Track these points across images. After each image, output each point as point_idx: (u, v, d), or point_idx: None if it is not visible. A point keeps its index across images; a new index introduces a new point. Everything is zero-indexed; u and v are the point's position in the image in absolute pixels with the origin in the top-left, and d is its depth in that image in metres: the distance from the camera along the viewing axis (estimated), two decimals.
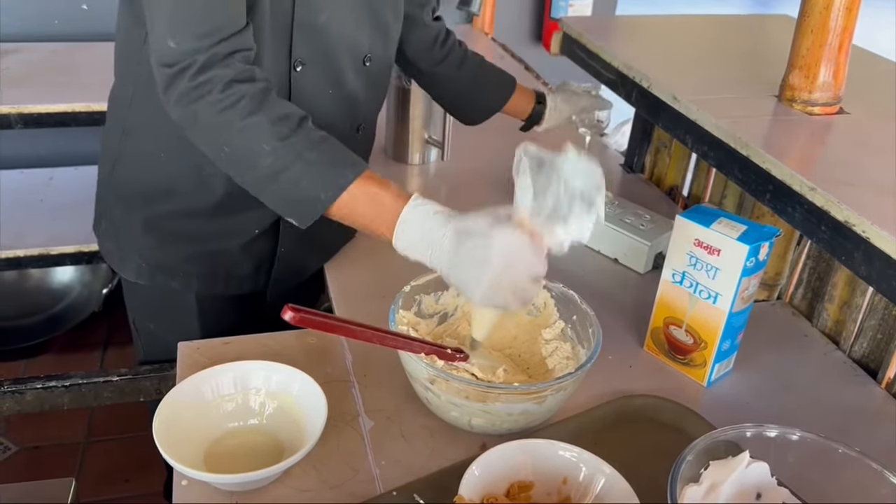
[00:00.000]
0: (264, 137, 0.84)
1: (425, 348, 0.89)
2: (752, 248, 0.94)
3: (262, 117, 0.84)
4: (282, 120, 0.86)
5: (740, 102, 1.14)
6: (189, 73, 0.83)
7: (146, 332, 1.21)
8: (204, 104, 0.84)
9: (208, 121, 0.85)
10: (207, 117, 0.84)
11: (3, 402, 1.02)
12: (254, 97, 0.84)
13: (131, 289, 1.19)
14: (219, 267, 1.14)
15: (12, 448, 2.06)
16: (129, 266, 1.14)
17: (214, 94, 0.83)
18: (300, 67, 1.00)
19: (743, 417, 0.85)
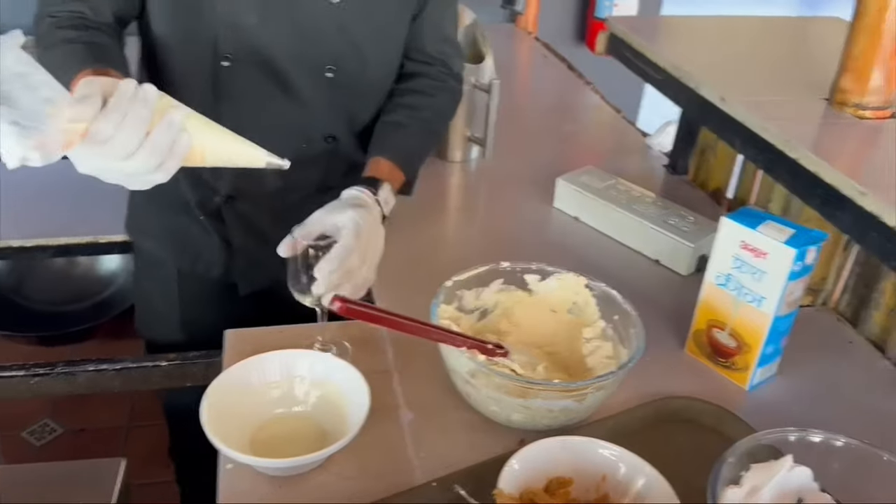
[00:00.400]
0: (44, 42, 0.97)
1: (467, 342, 0.90)
2: (800, 251, 0.93)
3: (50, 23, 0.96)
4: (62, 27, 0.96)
5: (790, 105, 1.13)
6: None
7: (139, 288, 1.32)
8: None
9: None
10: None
11: (55, 384, 1.05)
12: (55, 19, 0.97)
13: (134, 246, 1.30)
14: (187, 243, 1.20)
15: (58, 430, 2.12)
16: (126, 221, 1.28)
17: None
18: (227, 63, 1.04)
19: (784, 422, 0.84)
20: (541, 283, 1.05)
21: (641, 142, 1.75)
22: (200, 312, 1.23)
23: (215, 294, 1.24)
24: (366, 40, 1.09)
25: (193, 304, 1.24)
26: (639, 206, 1.34)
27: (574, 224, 1.41)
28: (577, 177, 1.43)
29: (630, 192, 1.38)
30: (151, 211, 1.19)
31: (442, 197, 1.51)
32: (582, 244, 1.35)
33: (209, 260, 1.20)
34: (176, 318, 1.24)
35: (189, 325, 1.24)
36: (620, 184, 1.41)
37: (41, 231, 1.96)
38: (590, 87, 2.06)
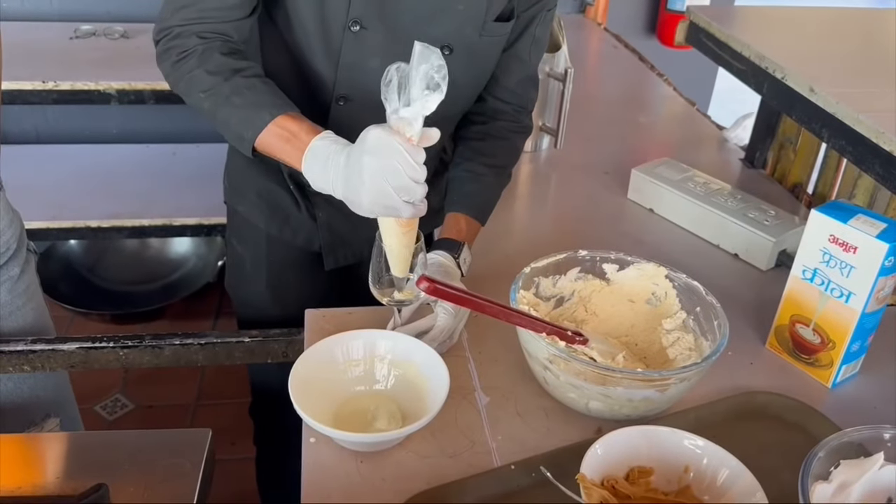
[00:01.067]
0: (200, 86, 0.97)
1: (547, 328, 0.90)
2: (892, 246, 0.90)
3: (201, 71, 0.97)
4: (215, 73, 0.97)
5: (881, 96, 1.09)
6: (168, 36, 1.00)
7: (230, 247, 1.34)
8: (169, 63, 1.00)
9: (171, 76, 1.01)
10: (170, 74, 1.00)
11: (143, 356, 1.09)
12: (199, 55, 0.97)
13: (228, 208, 1.32)
14: (278, 208, 1.22)
15: (129, 405, 2.19)
16: (226, 185, 1.29)
17: (176, 55, 0.98)
18: (342, 102, 1.08)
19: (868, 421, 0.82)
20: (619, 273, 1.04)
21: (717, 134, 1.72)
22: (286, 277, 1.27)
23: (301, 261, 1.27)
24: (466, 84, 1.11)
25: (280, 268, 1.27)
26: (717, 198, 1.31)
27: (649, 216, 1.39)
28: (652, 168, 1.41)
29: (708, 184, 1.36)
30: (249, 175, 1.23)
31: (513, 186, 1.50)
32: (657, 236, 1.33)
33: (296, 227, 1.24)
34: (262, 279, 1.28)
35: (275, 288, 1.27)
36: (697, 176, 1.39)
37: (117, 212, 2.04)
38: (662, 79, 2.03)
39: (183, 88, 1.00)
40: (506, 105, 1.19)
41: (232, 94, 0.96)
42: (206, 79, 0.96)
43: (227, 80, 0.96)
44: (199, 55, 0.97)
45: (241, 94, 0.97)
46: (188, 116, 2.38)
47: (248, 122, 0.96)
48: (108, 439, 0.92)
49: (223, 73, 0.97)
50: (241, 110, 0.96)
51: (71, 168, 2.24)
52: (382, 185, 0.84)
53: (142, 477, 0.83)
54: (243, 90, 0.97)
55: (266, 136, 0.95)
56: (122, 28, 2.18)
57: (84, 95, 1.92)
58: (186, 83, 0.98)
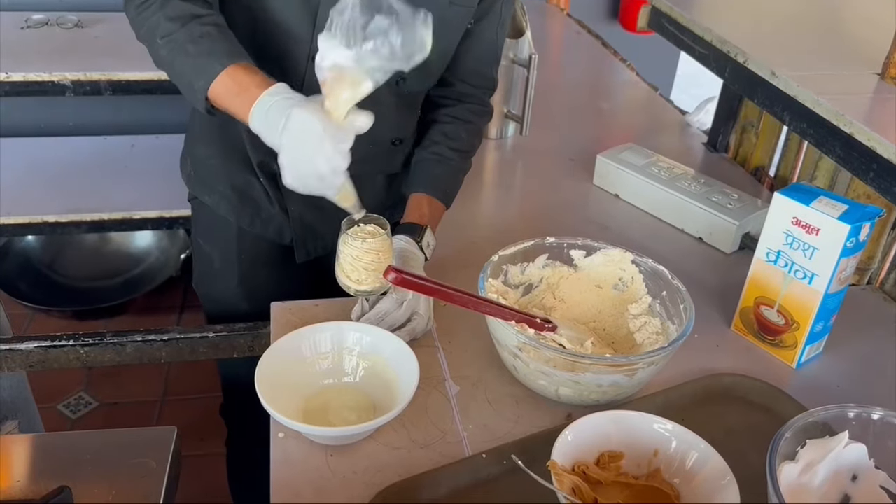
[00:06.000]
0: (158, 33, 0.94)
1: (516, 316, 0.90)
2: (854, 227, 0.92)
3: (161, 16, 0.94)
4: (174, 19, 0.93)
5: (841, 79, 1.10)
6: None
7: (197, 245, 1.30)
8: (131, 8, 0.97)
9: (134, 22, 0.97)
10: (133, 19, 0.97)
11: (104, 354, 1.06)
12: (158, 4, 0.94)
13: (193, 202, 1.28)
14: (245, 200, 1.19)
15: (93, 403, 2.15)
16: (185, 169, 1.24)
17: (140, 5, 0.96)
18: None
19: (832, 400, 0.83)
20: (586, 259, 1.05)
21: (679, 119, 1.73)
22: (258, 272, 1.24)
23: (272, 255, 1.24)
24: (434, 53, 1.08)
25: (251, 262, 1.24)
26: (681, 183, 1.32)
27: (614, 201, 1.40)
28: (617, 154, 1.41)
29: (671, 169, 1.37)
30: (216, 165, 1.19)
31: (479, 173, 1.50)
32: (622, 221, 1.34)
33: (267, 219, 1.20)
34: (234, 276, 1.24)
35: (246, 283, 1.24)
36: (661, 161, 1.39)
37: (75, 206, 1.99)
38: (625, 65, 2.03)
39: (144, 35, 0.96)
40: (473, 88, 1.18)
41: (187, 41, 0.93)
42: (165, 25, 0.93)
43: (184, 27, 0.93)
44: (160, 4, 0.94)
45: (195, 42, 0.93)
46: (146, 107, 2.33)
47: (200, 71, 0.93)
48: (70, 440, 0.90)
49: (182, 19, 0.93)
50: (195, 59, 0.93)
51: (26, 162, 2.18)
52: (299, 169, 0.85)
53: (106, 478, 0.82)
54: (198, 38, 0.93)
55: (217, 87, 0.92)
56: (75, 17, 2.12)
57: (37, 87, 1.86)
58: (147, 30, 0.95)
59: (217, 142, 1.17)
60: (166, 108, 2.28)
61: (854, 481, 0.79)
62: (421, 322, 0.98)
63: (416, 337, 0.98)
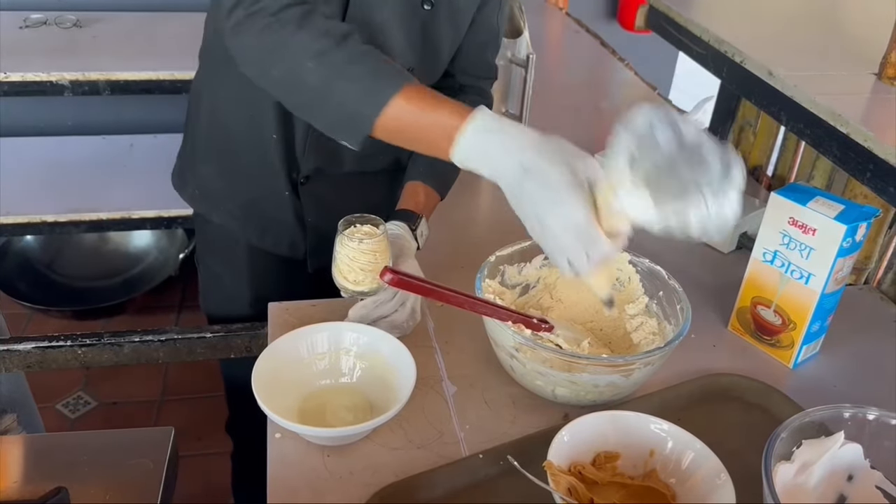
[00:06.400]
0: (307, 55, 0.83)
1: (512, 316, 0.90)
2: (850, 227, 0.92)
3: (305, 35, 0.84)
4: (323, 36, 0.84)
5: (838, 79, 1.11)
6: (244, 3, 0.85)
7: (204, 266, 1.26)
8: (252, 28, 0.85)
9: (257, 45, 0.86)
10: (255, 39, 0.85)
11: (102, 355, 1.07)
12: (299, 17, 0.84)
13: (196, 221, 1.25)
14: (255, 217, 1.17)
15: (92, 403, 2.15)
16: (187, 189, 1.21)
17: (265, 18, 0.84)
18: None
19: (829, 400, 0.83)
20: None
21: None
22: (269, 289, 1.19)
23: (283, 268, 1.22)
24: (447, 44, 1.08)
25: (263, 279, 1.21)
26: None
27: None
28: None
29: None
30: (220, 184, 1.16)
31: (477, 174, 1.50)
32: None
33: (278, 233, 1.18)
34: (245, 294, 1.21)
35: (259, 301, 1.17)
36: None
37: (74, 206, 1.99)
38: (623, 64, 2.03)
39: (275, 60, 0.85)
40: (475, 79, 1.18)
41: (346, 62, 0.83)
42: (315, 44, 0.83)
43: (340, 46, 0.83)
44: (299, 19, 0.84)
45: (356, 62, 0.84)
46: (145, 107, 2.33)
47: (368, 96, 0.83)
48: (67, 441, 0.91)
49: (334, 37, 0.84)
50: (360, 82, 0.83)
51: (25, 162, 2.18)
52: (557, 252, 0.77)
53: (103, 479, 0.82)
54: (359, 58, 0.84)
55: (394, 112, 0.82)
56: (74, 17, 2.12)
57: (36, 87, 1.86)
58: (283, 53, 0.84)
59: (223, 160, 1.15)
60: (165, 108, 2.28)
61: (850, 481, 0.80)
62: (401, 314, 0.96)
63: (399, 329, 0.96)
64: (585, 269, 0.76)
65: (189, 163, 1.21)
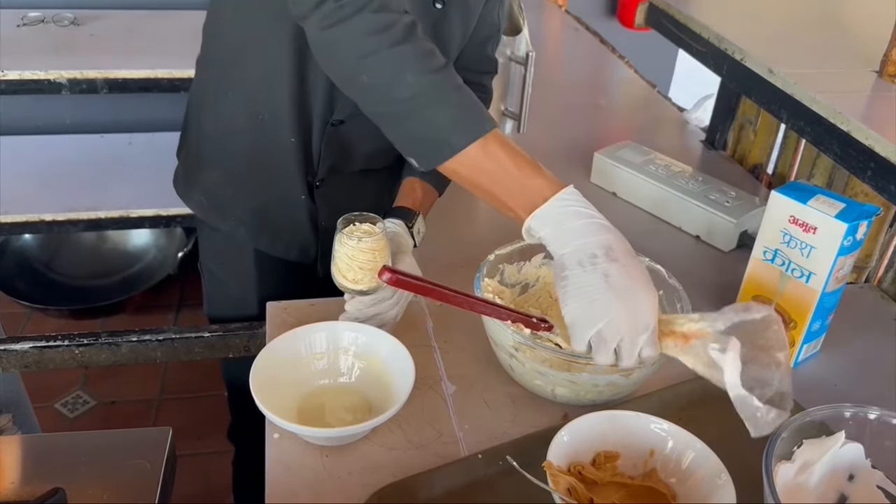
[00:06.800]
0: (409, 68, 0.81)
1: (512, 316, 0.89)
2: (851, 226, 0.91)
3: (409, 48, 0.81)
4: (428, 55, 0.82)
5: (839, 77, 1.10)
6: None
7: (209, 273, 1.25)
8: (349, 26, 0.80)
9: (351, 44, 0.82)
10: (351, 39, 0.81)
11: (99, 354, 1.06)
12: (404, 27, 0.81)
13: (200, 228, 1.23)
14: (266, 223, 1.15)
15: (91, 402, 2.15)
16: (193, 197, 1.18)
17: (365, 14, 0.80)
18: None
19: (830, 399, 0.83)
20: None
21: (678, 116, 1.73)
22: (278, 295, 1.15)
23: (292, 275, 1.20)
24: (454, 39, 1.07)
25: (271, 285, 1.19)
26: (678, 181, 1.32)
27: (611, 199, 1.39)
28: (614, 151, 1.41)
29: (669, 167, 1.36)
30: (231, 191, 1.14)
31: None
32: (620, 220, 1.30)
33: (290, 238, 1.16)
34: (253, 300, 1.19)
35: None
36: (659, 158, 1.39)
37: (72, 205, 1.99)
38: (623, 62, 2.03)
39: (370, 67, 0.81)
40: (477, 75, 1.18)
41: (450, 88, 0.82)
42: (418, 62, 0.81)
43: (442, 71, 0.82)
44: (403, 27, 0.81)
45: (458, 90, 0.82)
46: (143, 105, 2.32)
47: (461, 126, 0.81)
48: (64, 441, 0.90)
49: (435, 60, 0.82)
50: (458, 110, 0.82)
51: (23, 160, 2.17)
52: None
53: (100, 479, 0.81)
54: (459, 87, 0.82)
55: (478, 152, 0.81)
56: (71, 14, 2.12)
57: (34, 85, 1.86)
58: (382, 63, 0.81)
59: (232, 166, 1.13)
60: (163, 106, 2.28)
61: (851, 481, 0.79)
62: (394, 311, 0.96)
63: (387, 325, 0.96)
64: (632, 362, 0.80)
65: (193, 170, 1.19)
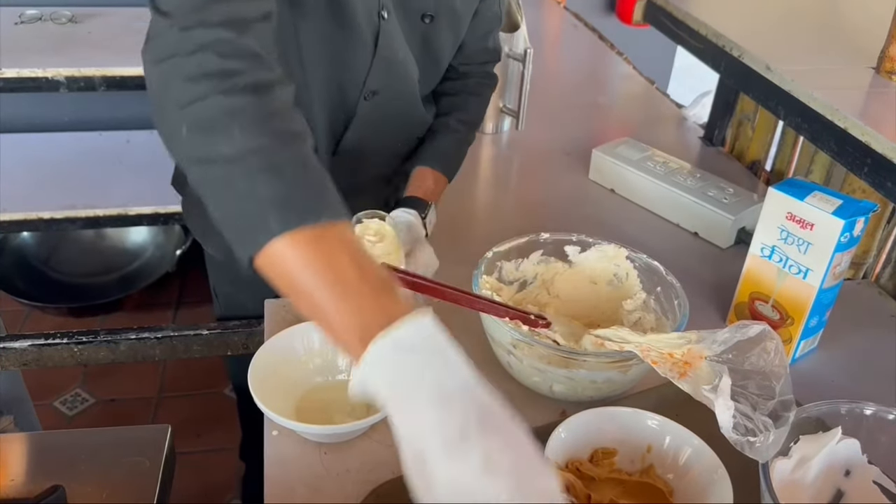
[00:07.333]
0: (241, 122, 0.63)
1: (510, 313, 0.90)
2: (848, 222, 0.92)
3: (250, 101, 0.64)
4: (277, 117, 0.65)
5: (836, 74, 1.10)
6: (183, 22, 0.67)
7: (224, 295, 1.23)
8: (184, 63, 0.65)
9: (180, 85, 0.65)
10: (182, 78, 0.65)
11: (98, 352, 1.06)
12: (258, 81, 0.66)
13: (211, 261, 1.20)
14: None
15: (90, 400, 2.15)
16: (212, 241, 1.16)
17: (207, 54, 0.65)
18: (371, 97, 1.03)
19: (827, 395, 0.83)
20: (581, 255, 1.04)
21: (676, 113, 1.73)
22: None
23: None
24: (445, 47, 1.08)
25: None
26: (676, 177, 1.32)
27: (610, 196, 1.39)
28: (612, 148, 1.41)
29: (667, 163, 1.36)
30: None
31: (474, 169, 1.50)
32: (618, 216, 1.34)
33: None
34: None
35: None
36: (657, 155, 1.39)
37: (70, 203, 1.98)
38: (622, 58, 2.03)
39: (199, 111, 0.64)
40: (478, 65, 1.19)
41: (295, 159, 0.63)
42: (262, 120, 0.63)
43: (293, 138, 0.64)
44: (261, 84, 0.66)
45: (298, 164, 0.63)
46: (141, 102, 2.29)
47: (293, 205, 0.60)
48: (64, 439, 0.90)
49: (291, 124, 0.65)
50: (293, 187, 0.61)
51: (21, 158, 2.17)
52: None
53: (100, 477, 0.82)
54: (301, 163, 0.63)
55: (306, 245, 0.59)
56: (69, 12, 2.11)
57: (31, 83, 1.85)
58: (213, 107, 0.63)
59: None
60: None
61: (847, 476, 0.80)
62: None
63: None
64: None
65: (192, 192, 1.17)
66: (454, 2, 1.03)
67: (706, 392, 0.76)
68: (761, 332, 0.77)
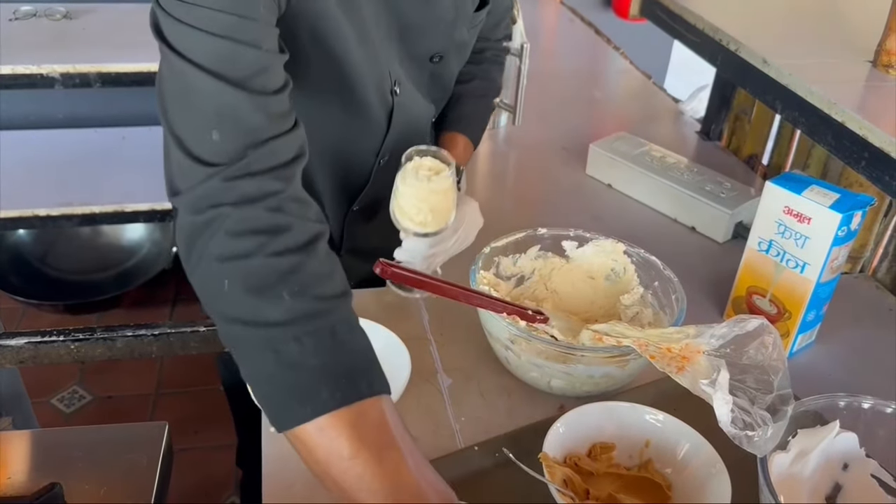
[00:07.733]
0: (290, 286, 0.62)
1: (507, 308, 0.90)
2: (845, 216, 0.92)
3: (299, 261, 0.64)
4: (324, 279, 0.65)
5: (833, 67, 1.10)
6: (227, 172, 0.64)
7: None
8: (231, 215, 0.64)
9: (221, 239, 0.64)
10: (224, 233, 0.64)
11: (95, 349, 1.06)
12: (303, 236, 0.65)
13: None
14: None
15: (87, 397, 2.15)
16: None
17: (257, 209, 0.64)
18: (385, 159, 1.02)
19: (825, 389, 0.83)
20: (578, 250, 1.04)
21: (673, 107, 1.73)
22: None
23: None
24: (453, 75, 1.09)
25: None
26: (674, 172, 1.32)
27: (607, 191, 1.39)
28: (609, 143, 1.41)
29: (664, 158, 1.36)
30: None
31: (472, 164, 1.50)
32: (615, 211, 1.34)
33: None
34: None
35: None
36: (654, 150, 1.39)
37: (66, 200, 1.98)
38: (618, 53, 2.03)
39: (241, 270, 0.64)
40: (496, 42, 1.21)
41: (341, 323, 0.64)
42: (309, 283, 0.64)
43: (336, 300, 0.64)
44: (308, 239, 0.66)
45: (352, 331, 0.65)
46: (137, 99, 2.31)
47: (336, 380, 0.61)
48: (61, 436, 0.90)
49: (333, 285, 0.65)
50: (338, 356, 0.63)
51: (16, 155, 2.17)
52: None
53: (97, 474, 0.82)
54: (355, 327, 0.65)
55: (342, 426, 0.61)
56: (63, 8, 2.10)
57: (26, 80, 1.85)
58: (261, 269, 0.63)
59: None
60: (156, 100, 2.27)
61: (845, 470, 0.80)
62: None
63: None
64: None
65: None
66: (462, 34, 1.01)
67: (704, 386, 0.76)
68: (759, 327, 0.77)
